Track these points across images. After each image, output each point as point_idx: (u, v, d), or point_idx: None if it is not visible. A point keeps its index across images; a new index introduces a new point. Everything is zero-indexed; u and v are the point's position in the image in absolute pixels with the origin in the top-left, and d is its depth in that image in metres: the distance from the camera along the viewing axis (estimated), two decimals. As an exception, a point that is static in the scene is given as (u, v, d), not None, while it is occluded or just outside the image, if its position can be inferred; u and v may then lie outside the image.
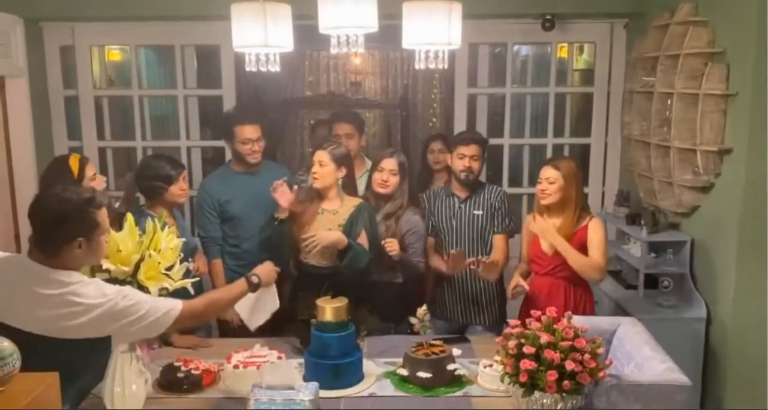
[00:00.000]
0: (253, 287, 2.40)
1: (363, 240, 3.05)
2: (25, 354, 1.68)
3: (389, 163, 3.19)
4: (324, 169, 3.08)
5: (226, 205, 3.38)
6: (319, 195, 3.15)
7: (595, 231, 3.02)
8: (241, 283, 2.39)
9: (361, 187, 3.38)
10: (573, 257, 2.97)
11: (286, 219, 3.08)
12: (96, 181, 2.99)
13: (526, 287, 3.06)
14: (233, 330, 3.21)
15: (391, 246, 3.08)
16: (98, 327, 1.95)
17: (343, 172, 3.13)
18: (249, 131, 3.38)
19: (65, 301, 1.91)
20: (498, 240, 3.31)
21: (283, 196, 3.06)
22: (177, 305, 2.10)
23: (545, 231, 3.06)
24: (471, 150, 3.25)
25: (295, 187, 3.14)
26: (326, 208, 3.13)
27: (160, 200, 3.01)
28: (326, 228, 3.06)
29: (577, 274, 3.01)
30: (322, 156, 3.09)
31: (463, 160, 3.25)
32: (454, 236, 3.33)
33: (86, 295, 1.94)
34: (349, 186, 3.19)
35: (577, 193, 3.05)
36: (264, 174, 3.39)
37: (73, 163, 2.90)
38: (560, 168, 3.03)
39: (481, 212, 3.30)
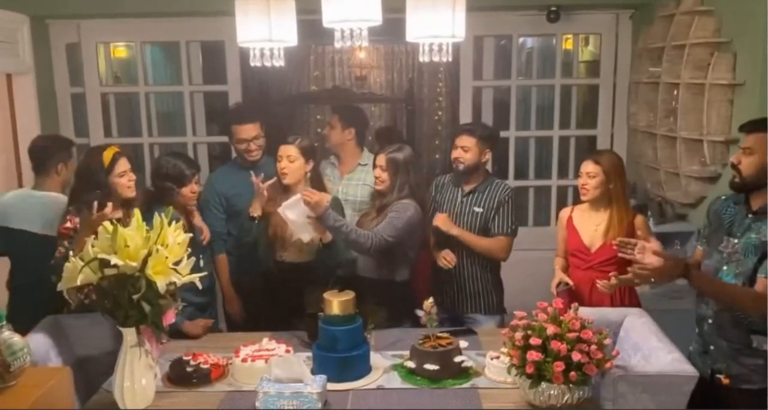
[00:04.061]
0: None
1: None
2: None
3: (379, 159, 3.16)
4: (294, 164, 3.06)
5: (233, 199, 3.37)
6: (285, 190, 3.10)
7: (644, 232, 2.91)
8: None
9: (364, 176, 3.46)
10: None
11: (261, 217, 3.06)
12: (125, 177, 2.99)
13: (571, 282, 3.01)
14: (239, 323, 3.27)
15: (310, 196, 2.85)
16: None
17: (311, 165, 3.13)
18: (244, 131, 3.38)
19: None
20: (500, 241, 3.23)
21: (259, 193, 3.05)
22: None
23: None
24: (462, 141, 3.23)
25: (267, 183, 3.06)
26: None
27: (170, 201, 3.01)
28: (307, 224, 2.98)
29: (623, 267, 2.94)
30: (290, 150, 3.06)
31: (456, 150, 3.26)
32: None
33: None
34: (315, 178, 3.18)
35: (623, 188, 2.99)
36: (267, 169, 3.39)
37: (107, 155, 2.93)
38: (601, 162, 2.98)
39: (480, 210, 3.24)
